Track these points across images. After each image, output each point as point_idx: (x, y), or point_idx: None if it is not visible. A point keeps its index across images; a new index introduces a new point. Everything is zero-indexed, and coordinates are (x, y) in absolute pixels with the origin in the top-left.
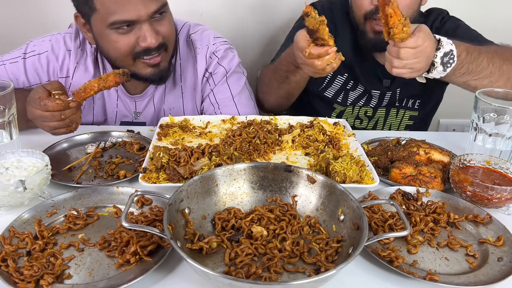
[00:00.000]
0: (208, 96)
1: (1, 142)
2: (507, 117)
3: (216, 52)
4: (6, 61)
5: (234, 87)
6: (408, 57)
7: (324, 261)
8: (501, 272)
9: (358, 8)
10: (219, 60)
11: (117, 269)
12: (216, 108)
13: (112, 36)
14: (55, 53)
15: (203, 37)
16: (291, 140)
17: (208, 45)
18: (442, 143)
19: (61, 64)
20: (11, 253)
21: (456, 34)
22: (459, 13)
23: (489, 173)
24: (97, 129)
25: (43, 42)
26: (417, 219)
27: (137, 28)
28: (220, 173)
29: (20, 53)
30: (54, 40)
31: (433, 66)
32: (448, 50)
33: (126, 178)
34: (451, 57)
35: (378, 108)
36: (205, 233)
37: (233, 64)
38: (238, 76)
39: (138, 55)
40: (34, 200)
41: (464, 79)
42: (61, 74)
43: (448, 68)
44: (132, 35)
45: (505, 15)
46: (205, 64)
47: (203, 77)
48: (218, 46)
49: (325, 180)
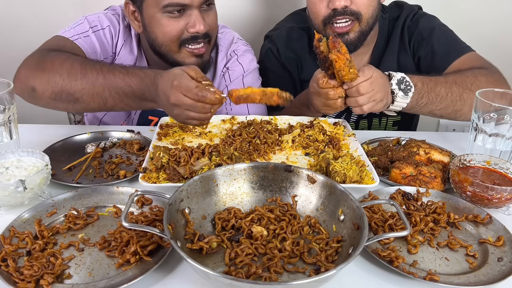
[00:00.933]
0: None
1: (1, 142)
2: (507, 117)
3: (237, 50)
4: (81, 34)
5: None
6: (367, 89)
7: (324, 261)
8: (501, 272)
9: (315, 16)
10: (238, 58)
11: (117, 269)
12: (227, 104)
13: (163, 20)
14: (115, 28)
15: (227, 37)
16: (291, 140)
17: (230, 44)
18: (442, 143)
19: (117, 39)
20: (11, 253)
21: (431, 39)
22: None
23: (489, 173)
24: (97, 129)
25: (100, 17)
26: (417, 219)
27: (187, 15)
28: (220, 173)
29: (87, 27)
30: (109, 16)
31: (394, 94)
32: (400, 77)
33: (126, 178)
34: (407, 83)
35: (360, 120)
36: (205, 233)
37: (251, 66)
38: (254, 77)
39: (185, 42)
40: (34, 200)
41: (429, 109)
42: (113, 50)
43: (409, 93)
44: (182, 20)
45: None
46: (225, 60)
47: (221, 71)
48: (239, 46)
49: (325, 180)
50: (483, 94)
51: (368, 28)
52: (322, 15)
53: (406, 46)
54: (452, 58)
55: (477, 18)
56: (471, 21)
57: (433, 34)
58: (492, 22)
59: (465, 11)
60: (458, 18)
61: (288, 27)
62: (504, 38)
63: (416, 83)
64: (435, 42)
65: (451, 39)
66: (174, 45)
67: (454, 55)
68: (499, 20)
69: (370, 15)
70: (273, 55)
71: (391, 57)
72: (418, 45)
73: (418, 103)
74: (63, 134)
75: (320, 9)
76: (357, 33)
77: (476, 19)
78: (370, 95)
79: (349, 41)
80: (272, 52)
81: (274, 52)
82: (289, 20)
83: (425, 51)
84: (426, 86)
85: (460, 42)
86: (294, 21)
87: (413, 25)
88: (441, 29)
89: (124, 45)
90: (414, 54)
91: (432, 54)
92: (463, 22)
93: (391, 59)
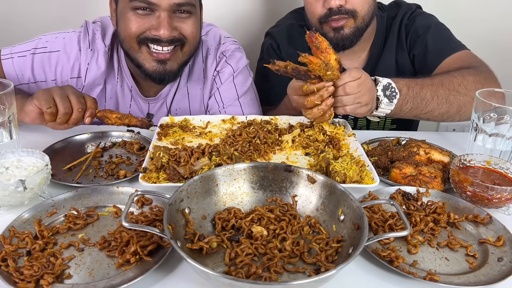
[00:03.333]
0: (214, 94)
1: (1, 142)
2: (507, 117)
3: (225, 51)
4: (15, 54)
5: (240, 87)
6: (353, 90)
7: (324, 261)
8: (501, 272)
9: (312, 15)
10: (227, 59)
11: (117, 269)
12: (220, 107)
13: (130, 15)
14: (67, 53)
15: (212, 37)
16: (291, 140)
17: (218, 45)
18: (442, 143)
19: (72, 64)
20: (11, 253)
21: (425, 36)
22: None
23: (489, 173)
24: (97, 129)
25: (57, 39)
26: (417, 219)
27: (155, 16)
28: (220, 173)
29: (31, 47)
30: (68, 39)
31: (379, 100)
32: (386, 83)
33: (126, 178)
34: (392, 90)
35: (358, 119)
36: (205, 233)
37: (240, 65)
38: (245, 76)
39: (144, 41)
40: (34, 200)
41: (414, 114)
42: (72, 75)
43: (393, 100)
44: (148, 20)
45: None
46: (215, 64)
47: (212, 75)
48: (228, 46)
49: (325, 180)
50: (483, 94)
51: (364, 25)
52: (318, 14)
53: (403, 44)
54: (444, 55)
55: (476, 15)
56: (469, 18)
57: (429, 31)
58: (490, 20)
59: (463, 9)
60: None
61: (289, 24)
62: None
63: (401, 88)
64: (429, 39)
65: (446, 37)
66: (133, 41)
67: (446, 53)
68: (497, 18)
69: (366, 11)
70: (274, 51)
71: (389, 55)
72: (414, 42)
73: (402, 109)
74: (63, 134)
75: (316, 9)
76: (352, 28)
77: (475, 16)
78: (355, 96)
79: (345, 36)
80: (273, 48)
81: (275, 48)
82: (289, 17)
83: (419, 48)
84: (411, 91)
85: (455, 40)
86: (295, 19)
87: (410, 23)
88: (437, 27)
89: (89, 67)
90: (410, 51)
91: (425, 51)
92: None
93: (389, 57)
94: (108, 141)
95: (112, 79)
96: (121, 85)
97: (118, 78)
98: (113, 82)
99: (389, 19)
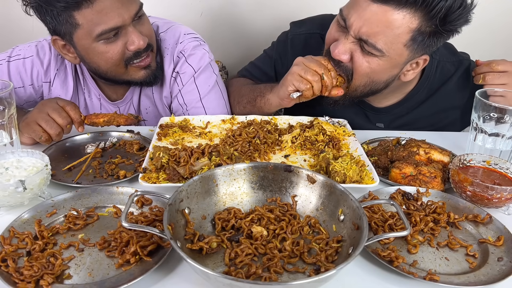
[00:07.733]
0: (177, 97)
1: (1, 142)
2: (507, 117)
3: (184, 50)
4: None
5: (202, 88)
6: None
7: (324, 261)
8: (501, 272)
9: (326, 41)
10: (187, 59)
11: (117, 269)
12: (184, 110)
13: (100, 47)
14: (40, 58)
15: (171, 35)
16: (290, 140)
17: (176, 44)
18: (442, 143)
19: (45, 69)
20: (11, 253)
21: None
22: None
23: (489, 173)
24: (97, 129)
25: (29, 47)
26: (417, 219)
27: (123, 34)
28: (220, 173)
29: (5, 56)
30: (40, 46)
31: None
32: None
33: (126, 178)
34: None
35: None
36: (205, 233)
37: (202, 63)
38: (207, 75)
39: (129, 60)
40: (34, 200)
41: None
42: (45, 79)
43: None
44: (120, 41)
45: None
46: (173, 64)
47: (171, 77)
48: (186, 44)
49: (325, 180)
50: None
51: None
52: (327, 44)
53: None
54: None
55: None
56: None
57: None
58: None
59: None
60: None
61: (310, 34)
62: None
63: None
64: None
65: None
66: (119, 67)
67: None
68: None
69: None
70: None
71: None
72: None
73: None
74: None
75: (329, 39)
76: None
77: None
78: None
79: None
80: (285, 46)
81: (283, 56)
82: (316, 23)
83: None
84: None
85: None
86: (320, 26)
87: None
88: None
89: (57, 74)
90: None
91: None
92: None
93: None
94: (108, 142)
95: (80, 91)
96: (89, 95)
97: (85, 89)
98: (82, 94)
99: (440, 62)
